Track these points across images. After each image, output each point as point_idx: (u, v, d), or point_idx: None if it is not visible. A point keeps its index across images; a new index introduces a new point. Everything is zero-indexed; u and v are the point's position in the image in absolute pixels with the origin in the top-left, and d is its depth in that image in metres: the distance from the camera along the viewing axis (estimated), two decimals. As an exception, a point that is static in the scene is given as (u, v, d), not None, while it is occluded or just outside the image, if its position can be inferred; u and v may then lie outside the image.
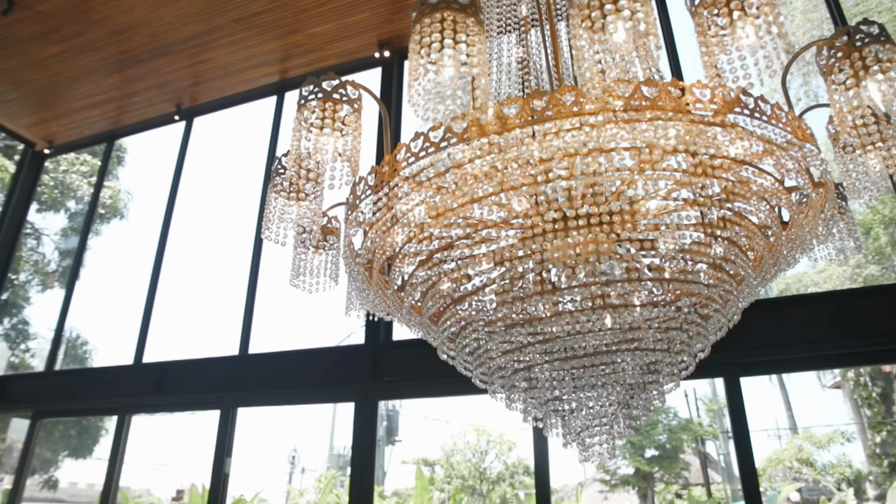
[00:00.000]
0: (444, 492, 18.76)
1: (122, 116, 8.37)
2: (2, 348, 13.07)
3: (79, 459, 13.79)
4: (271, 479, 20.93)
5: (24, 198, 8.95)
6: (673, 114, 1.14)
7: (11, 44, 6.84)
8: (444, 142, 1.17)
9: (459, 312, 1.48)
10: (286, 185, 1.56)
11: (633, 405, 1.52)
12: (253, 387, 6.15)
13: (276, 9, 6.44)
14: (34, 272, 13.78)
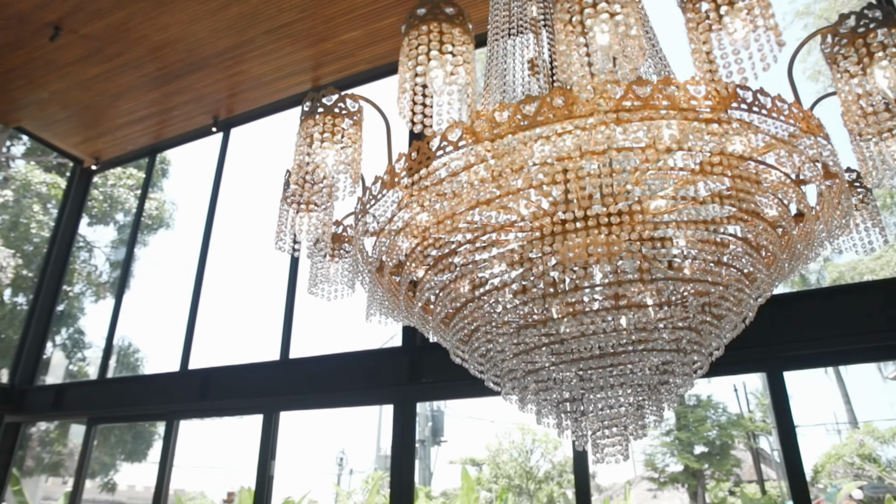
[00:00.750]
0: (491, 492, 18.73)
1: (163, 130, 8.62)
2: (59, 358, 13.62)
3: (134, 463, 14.29)
4: (319, 481, 21.18)
5: (75, 212, 9.31)
6: (677, 112, 1.13)
7: (58, 67, 7.13)
8: (440, 150, 1.18)
9: (471, 315, 1.50)
10: (296, 196, 1.60)
11: (646, 406, 1.50)
12: (294, 391, 6.27)
13: (305, 18, 6.54)
14: (87, 283, 14.32)
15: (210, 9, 6.34)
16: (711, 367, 5.04)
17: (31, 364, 8.27)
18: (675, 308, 1.41)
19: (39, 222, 13.56)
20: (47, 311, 8.60)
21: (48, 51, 6.83)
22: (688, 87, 1.10)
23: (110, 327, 8.15)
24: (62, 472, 14.47)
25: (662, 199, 1.27)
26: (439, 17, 1.28)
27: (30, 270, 13.12)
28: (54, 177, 13.80)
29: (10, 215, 13.55)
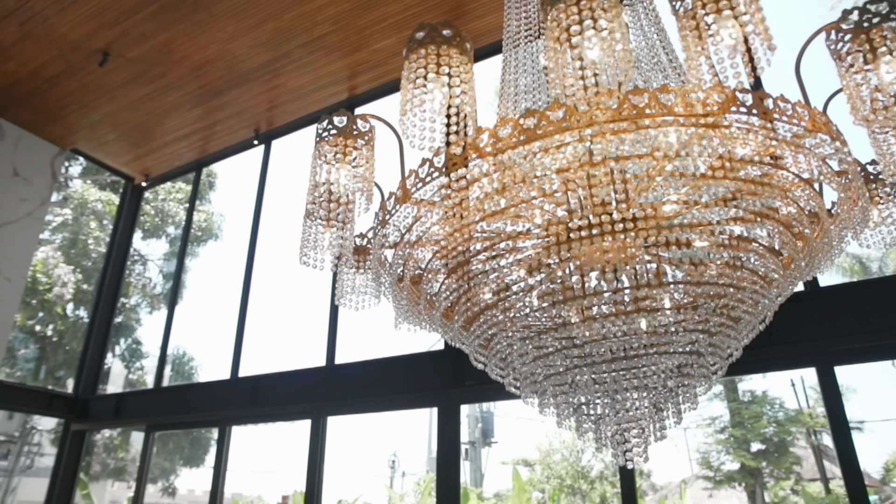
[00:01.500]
0: (543, 492, 18.63)
1: (208, 145, 8.89)
2: (119, 367, 14.18)
3: (193, 468, 14.77)
4: (372, 484, 21.39)
5: (129, 227, 9.69)
6: (686, 118, 1.15)
7: (108, 90, 7.45)
8: (445, 167, 1.23)
9: (491, 319, 1.53)
10: (318, 212, 1.66)
11: (665, 408, 1.51)
12: (340, 396, 6.39)
13: (339, 30, 6.67)
14: (142, 295, 14.86)
15: (246, 26, 6.53)
16: (759, 363, 4.92)
17: (93, 374, 8.65)
18: (692, 311, 1.42)
19: (96, 238, 14.17)
20: (106, 323, 8.98)
21: (98, 76, 7.15)
22: (688, 94, 1.11)
23: (164, 338, 8.46)
24: (126, 477, 15.06)
25: (675, 203, 1.28)
26: (437, 39, 1.32)
27: (89, 285, 13.72)
28: (108, 194, 14.39)
29: (70, 233, 14.20)
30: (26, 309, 13.10)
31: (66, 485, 7.97)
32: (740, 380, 17.90)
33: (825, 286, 4.82)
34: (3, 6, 6.20)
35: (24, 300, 12.00)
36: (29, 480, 14.80)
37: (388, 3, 6.30)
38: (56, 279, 13.28)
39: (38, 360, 14.04)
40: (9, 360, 13.41)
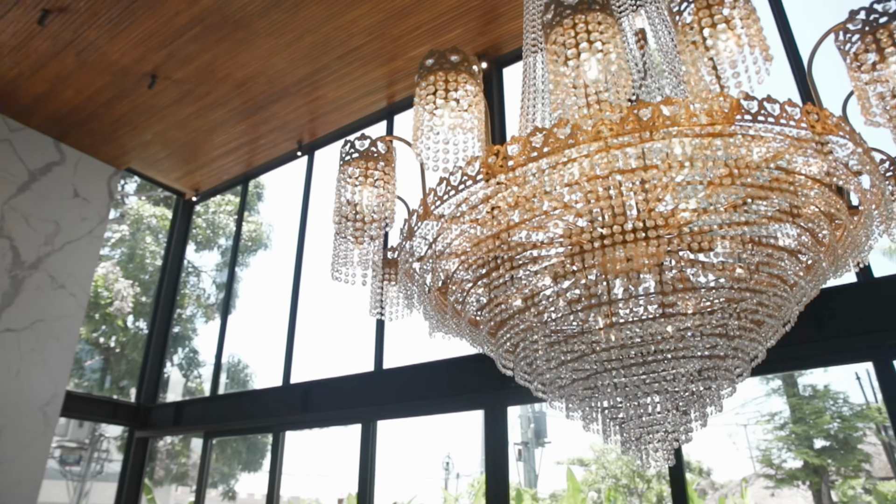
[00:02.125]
0: (600, 492, 18.41)
1: (253, 158, 9.15)
2: (177, 376, 14.69)
3: (251, 472, 15.18)
4: (425, 485, 21.45)
5: (182, 240, 10.06)
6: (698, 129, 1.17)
7: (157, 111, 7.76)
8: (462, 185, 1.28)
9: (517, 326, 1.57)
10: (345, 231, 1.73)
11: (690, 411, 1.52)
12: (388, 400, 6.49)
13: (374, 40, 6.78)
14: (197, 306, 15.35)
15: (285, 42, 6.71)
16: (813, 358, 4.77)
17: (153, 383, 9.00)
18: (715, 315, 1.43)
19: (152, 252, 14.73)
20: (164, 334, 9.34)
21: (147, 97, 7.45)
22: (690, 105, 1.12)
23: (218, 347, 8.75)
24: (188, 482, 15.58)
25: (692, 210, 1.30)
26: (445, 66, 1.38)
27: (147, 297, 14.27)
28: (162, 209, 14.95)
29: (128, 248, 14.81)
30: (90, 322, 13.72)
31: (133, 489, 8.32)
32: (800, 374, 17.32)
33: (881, 276, 4.65)
34: (61, 39, 6.54)
35: (87, 314, 12.57)
36: (99, 485, 15.48)
37: (421, 11, 6.38)
38: (116, 293, 13.87)
39: (103, 371, 14.69)
40: (77, 372, 14.05)
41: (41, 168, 7.95)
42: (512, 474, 18.86)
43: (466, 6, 6.31)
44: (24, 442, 6.94)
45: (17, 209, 7.56)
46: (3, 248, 7.33)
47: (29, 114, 7.74)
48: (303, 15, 6.35)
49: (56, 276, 7.73)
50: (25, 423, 7.00)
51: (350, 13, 6.35)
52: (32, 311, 7.40)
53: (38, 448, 7.04)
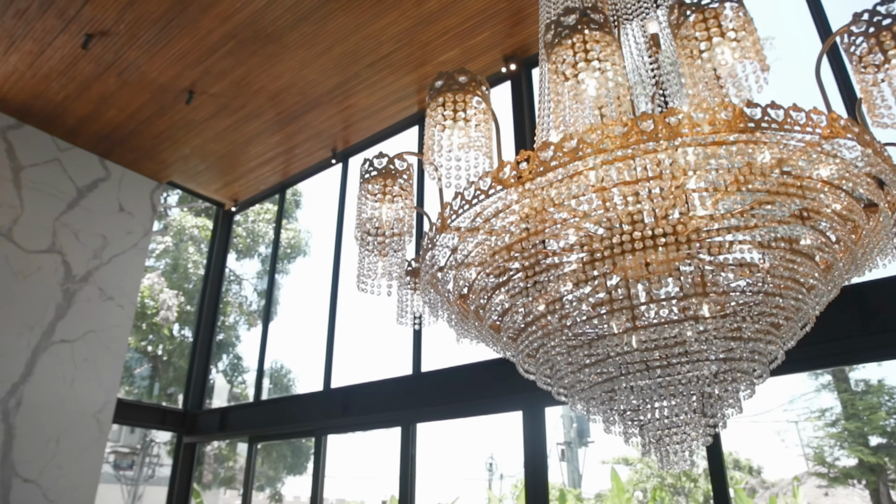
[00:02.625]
0: (645, 492, 18.15)
1: (289, 168, 9.34)
2: (222, 382, 15.04)
3: (296, 476, 15.45)
4: (468, 487, 21.45)
5: (223, 250, 10.32)
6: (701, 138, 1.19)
7: (195, 125, 8.00)
8: (475, 199, 1.32)
9: (538, 331, 1.61)
10: (368, 245, 1.80)
11: (709, 413, 1.53)
12: (427, 403, 6.56)
13: (403, 47, 6.86)
14: (240, 313, 15.70)
15: (315, 53, 6.84)
16: (864, 352, 4.66)
17: (199, 390, 9.26)
18: (733, 318, 1.44)
19: (195, 262, 15.13)
20: (208, 342, 9.60)
21: (185, 113, 7.69)
22: (692, 115, 1.14)
23: (260, 353, 8.95)
24: (236, 485, 15.93)
25: (702, 218, 1.31)
26: (453, 87, 1.42)
27: (191, 306, 14.67)
28: (203, 220, 15.35)
29: (171, 258, 15.26)
30: (138, 332, 14.17)
31: (182, 493, 8.57)
32: (851, 369, 16.79)
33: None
34: (103, 61, 6.80)
35: (135, 324, 12.98)
36: (152, 489, 15.96)
37: (448, 16, 6.43)
38: (161, 303, 14.30)
39: (151, 379, 15.16)
40: (127, 379, 14.52)
41: (88, 185, 8.27)
42: (555, 475, 18.49)
43: (493, 9, 6.34)
44: (80, 448, 7.23)
45: (67, 225, 7.88)
46: (56, 263, 7.65)
47: (76, 133, 8.07)
48: (331, 26, 6.47)
49: (105, 289, 8.02)
50: (81, 430, 7.29)
51: (378, 22, 6.44)
52: (84, 323, 7.70)
53: (93, 453, 7.32)
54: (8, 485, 6.64)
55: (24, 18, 6.30)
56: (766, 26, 17.79)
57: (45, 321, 7.37)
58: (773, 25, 17.48)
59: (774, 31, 17.00)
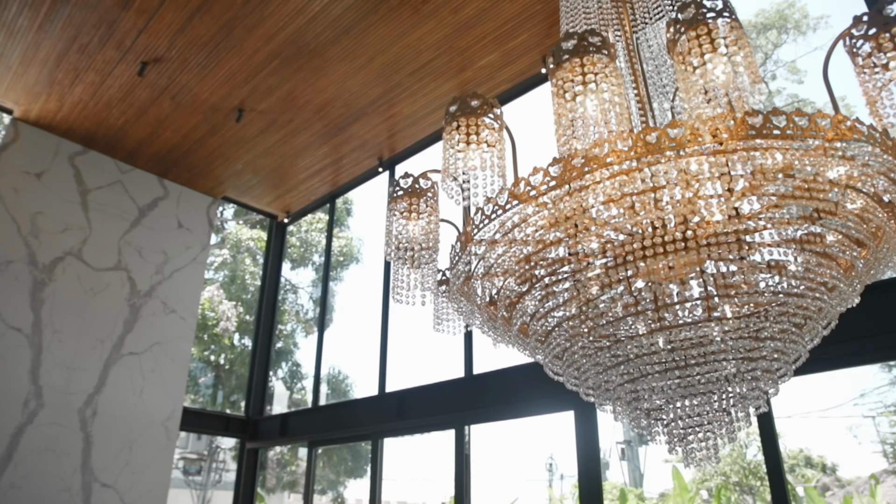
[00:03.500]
0: (711, 491, 17.71)
1: (338, 178, 9.56)
2: (281, 389, 15.47)
3: (357, 479, 15.74)
4: (528, 488, 21.37)
5: (277, 260, 10.64)
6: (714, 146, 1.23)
7: (246, 141, 8.29)
8: (494, 214, 1.39)
9: (564, 333, 1.66)
10: (399, 260, 1.89)
11: (734, 411, 1.55)
12: (479, 404, 6.62)
13: (442, 54, 6.96)
14: (297, 321, 16.12)
15: (357, 65, 7.00)
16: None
17: (260, 397, 9.57)
18: (757, 318, 1.46)
19: (252, 273, 15.63)
20: (266, 350, 9.91)
21: (236, 130, 7.99)
22: (696, 126, 1.17)
23: (316, 360, 9.19)
24: (299, 489, 16.33)
25: (719, 223, 1.34)
26: (466, 111, 1.50)
27: (250, 315, 15.14)
28: (258, 231, 15.83)
29: (229, 270, 15.80)
30: (200, 343, 14.73)
31: (247, 497, 8.88)
32: (926, 360, 15.97)
33: None
34: (158, 86, 7.15)
35: (197, 335, 13.49)
36: (219, 493, 16.53)
37: (485, 21, 6.49)
38: (221, 314, 14.83)
39: (214, 387, 15.71)
40: (192, 388, 15.09)
41: (148, 204, 8.68)
42: (616, 474, 18.17)
43: (529, 12, 6.37)
44: (151, 454, 7.59)
45: (131, 243, 8.29)
46: (122, 280, 8.06)
47: (136, 156, 8.49)
48: (371, 38, 6.61)
49: (167, 302, 8.40)
50: (151, 437, 7.66)
51: (416, 31, 6.55)
52: (150, 335, 8.08)
53: (162, 459, 7.68)
54: (89, 489, 7.04)
55: (87, 52, 6.69)
56: (822, 5, 17.07)
57: (114, 335, 7.78)
58: (829, 4, 16.79)
59: (830, 10, 16.38)
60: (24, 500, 6.60)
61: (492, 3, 6.23)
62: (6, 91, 7.44)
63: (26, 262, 7.37)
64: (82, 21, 6.32)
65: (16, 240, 7.37)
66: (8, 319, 7.05)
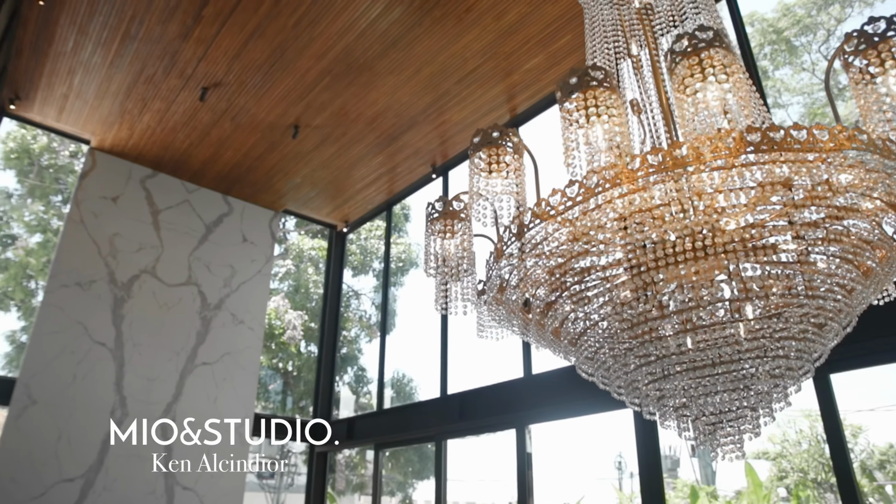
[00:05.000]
0: (789, 488, 17.07)
1: (393, 186, 9.78)
2: (347, 393, 15.86)
3: (424, 480, 15.96)
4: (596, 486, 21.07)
5: (338, 268, 10.97)
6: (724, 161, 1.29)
7: (303, 156, 8.62)
8: (520, 231, 1.50)
9: (593, 336, 1.75)
10: (440, 274, 2.03)
11: (759, 408, 1.59)
12: (539, 403, 6.68)
13: (488, 60, 7.06)
14: (360, 327, 16.49)
15: (406, 77, 7.19)
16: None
17: (327, 402, 9.89)
18: (780, 320, 1.50)
19: (315, 281, 16.11)
20: (331, 356, 10.23)
21: (293, 146, 8.32)
22: (697, 146, 1.24)
23: (379, 364, 9.43)
24: (368, 491, 16.69)
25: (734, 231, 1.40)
26: (488, 142, 1.62)
27: (315, 323, 15.61)
28: (319, 241, 16.30)
29: (293, 280, 16.33)
30: (268, 351, 15.28)
31: (318, 499, 9.19)
32: None
33: None
34: (218, 109, 7.55)
35: (264, 344, 14.02)
36: (293, 496, 17.06)
37: (528, 25, 6.55)
38: (287, 323, 15.35)
39: (283, 393, 16.26)
40: (263, 395, 15.67)
41: (214, 220, 9.13)
42: (687, 471, 17.77)
43: (570, 13, 6.39)
44: (227, 459, 7.98)
45: (200, 259, 8.74)
46: (193, 294, 8.51)
47: (200, 175, 8.95)
48: (418, 50, 6.78)
49: (236, 314, 8.81)
50: (225, 443, 8.05)
51: (461, 40, 6.68)
52: (221, 346, 8.50)
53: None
54: (171, 492, 7.48)
55: (153, 82, 7.14)
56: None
57: (188, 346, 8.22)
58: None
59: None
60: (116, 501, 7.08)
61: (534, 7, 6.29)
62: (84, 123, 8.00)
63: (107, 281, 7.89)
64: (147, 54, 6.75)
65: (97, 261, 7.91)
66: (94, 335, 7.57)
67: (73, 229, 7.88)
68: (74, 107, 7.73)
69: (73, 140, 8.44)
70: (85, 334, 7.52)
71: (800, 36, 14.89)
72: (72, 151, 14.88)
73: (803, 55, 14.36)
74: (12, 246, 14.70)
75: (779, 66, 14.11)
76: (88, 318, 7.60)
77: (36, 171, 14.72)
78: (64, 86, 7.38)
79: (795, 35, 14.93)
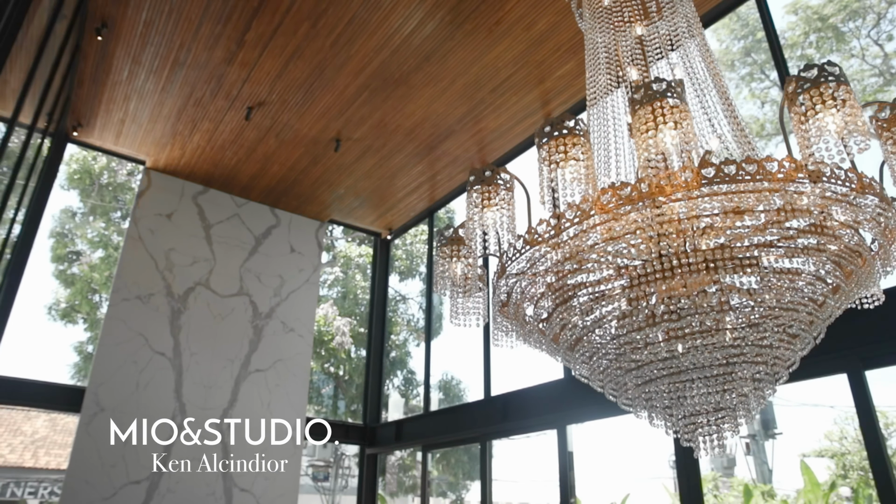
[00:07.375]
0: (852, 487, 16.52)
1: (434, 193, 10.00)
2: (396, 397, 16.16)
3: (475, 481, 16.12)
4: (646, 485, 20.79)
5: (384, 274, 11.25)
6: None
7: (345, 168, 8.92)
8: (515, 254, 1.67)
9: (592, 341, 1.91)
10: (452, 290, 2.22)
11: (738, 408, 1.71)
12: (579, 404, 6.76)
13: (520, 69, 7.19)
14: (409, 331, 16.79)
15: (441, 88, 7.39)
16: None
17: (376, 405, 10.17)
18: (756, 329, 1.62)
19: (362, 288, 16.49)
20: (379, 360, 10.51)
21: (335, 158, 8.63)
22: (678, 174, 1.38)
23: (425, 368, 9.65)
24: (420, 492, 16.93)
25: (709, 247, 1.52)
26: (482, 180, 1.81)
27: (364, 328, 15.98)
28: (366, 248, 16.68)
29: (342, 286, 16.75)
30: (319, 357, 15.72)
31: (369, 500, 9.46)
32: None
33: None
34: (263, 126, 7.92)
35: (314, 350, 14.44)
36: (347, 498, 17.47)
37: (557, 33, 6.66)
38: (336, 330, 15.76)
39: (335, 397, 16.69)
40: (316, 399, 16.12)
41: (263, 232, 9.52)
42: (742, 470, 17.45)
43: (600, 19, 6.46)
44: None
45: (250, 270, 9.14)
46: (245, 304, 8.90)
47: (249, 190, 9.36)
48: (451, 62, 6.97)
49: (286, 322, 9.17)
50: (280, 446, 8.40)
51: (493, 51, 6.84)
52: (272, 353, 8.87)
53: (291, 466, 8.40)
54: (230, 494, 7.86)
55: (201, 105, 7.55)
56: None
57: (242, 354, 8.61)
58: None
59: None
60: (179, 502, 7.49)
61: (562, 16, 6.40)
62: (139, 146, 8.50)
63: (164, 294, 8.35)
64: (196, 79, 7.15)
65: (154, 275, 8.37)
66: (154, 345, 8.03)
67: (132, 246, 8.37)
68: (130, 130, 8.23)
69: (130, 160, 8.96)
70: (146, 345, 7.98)
71: (847, 21, 14.44)
72: (129, 170, 15.67)
73: (852, 41, 13.92)
74: (77, 262, 15.57)
75: (825, 54, 13.74)
76: (149, 329, 8.06)
77: (96, 189, 15.56)
78: (120, 111, 7.86)
79: (843, 21, 14.48)
